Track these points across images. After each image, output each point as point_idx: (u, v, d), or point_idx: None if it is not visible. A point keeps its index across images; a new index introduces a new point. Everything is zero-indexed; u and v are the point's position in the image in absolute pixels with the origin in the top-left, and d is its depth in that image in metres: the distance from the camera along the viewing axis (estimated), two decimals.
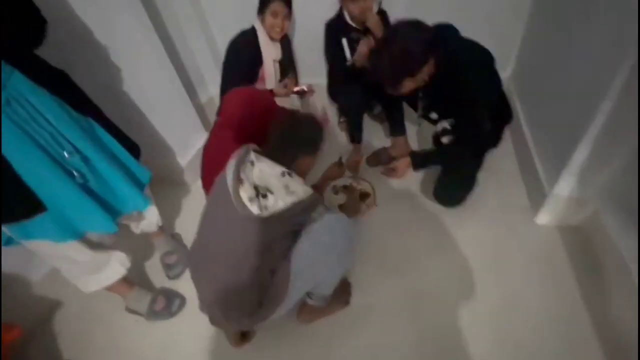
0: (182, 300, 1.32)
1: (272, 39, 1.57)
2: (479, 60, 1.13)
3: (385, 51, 1.01)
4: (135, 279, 1.41)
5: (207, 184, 1.24)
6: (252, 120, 1.11)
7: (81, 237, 0.98)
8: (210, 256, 0.90)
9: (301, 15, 1.94)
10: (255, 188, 0.85)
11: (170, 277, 1.41)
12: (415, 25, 1.03)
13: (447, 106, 1.27)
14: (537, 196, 1.41)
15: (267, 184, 0.86)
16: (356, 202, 1.60)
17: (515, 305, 1.19)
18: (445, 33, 1.13)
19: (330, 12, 1.69)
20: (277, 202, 0.84)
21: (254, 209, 0.83)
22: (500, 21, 1.81)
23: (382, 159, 1.75)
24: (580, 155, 1.17)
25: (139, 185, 1.06)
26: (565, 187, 1.27)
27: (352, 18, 1.59)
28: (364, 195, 1.64)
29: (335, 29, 1.64)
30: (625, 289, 1.08)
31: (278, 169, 0.89)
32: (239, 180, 0.87)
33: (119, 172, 0.98)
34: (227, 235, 0.87)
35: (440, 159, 1.33)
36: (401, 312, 1.22)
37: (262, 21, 1.52)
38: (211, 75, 2.30)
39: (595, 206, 1.26)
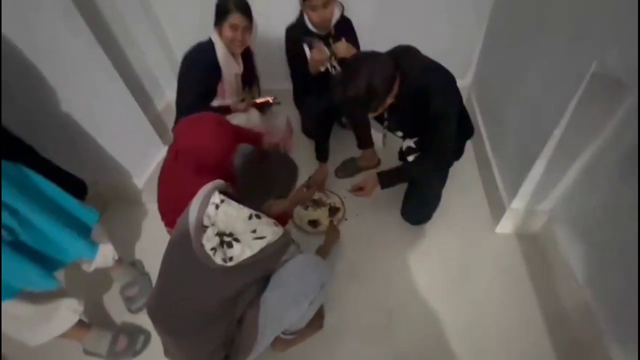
0: (147, 336, 1.24)
1: (232, 52, 1.44)
2: (440, 82, 1.13)
3: (349, 88, 0.98)
4: (92, 316, 1.30)
5: (167, 218, 1.15)
6: (209, 150, 1.03)
7: (16, 295, 0.87)
8: (172, 310, 0.84)
9: (264, 17, 1.83)
10: (220, 235, 0.80)
11: (132, 311, 1.32)
12: (377, 60, 1.01)
13: (411, 126, 1.28)
14: (497, 207, 1.48)
15: (232, 230, 0.81)
16: (327, 217, 1.59)
17: (481, 313, 1.26)
18: (406, 55, 1.12)
19: (293, 13, 1.60)
20: (244, 250, 0.79)
21: (218, 259, 0.78)
22: (461, 30, 1.84)
23: (350, 171, 1.74)
24: (536, 171, 1.23)
25: (84, 230, 0.96)
26: (522, 200, 1.34)
27: (313, 24, 1.52)
28: (334, 210, 1.63)
29: (296, 34, 1.57)
30: (573, 294, 1.17)
31: (245, 211, 0.84)
32: (202, 227, 0.81)
33: (57, 220, 0.87)
34: (189, 286, 0.81)
35: (406, 177, 1.34)
36: (374, 330, 1.24)
37: (220, 34, 1.38)
38: (166, 78, 2.14)
39: (548, 217, 1.35)
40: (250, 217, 0.83)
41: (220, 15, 1.36)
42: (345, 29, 1.58)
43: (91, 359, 1.20)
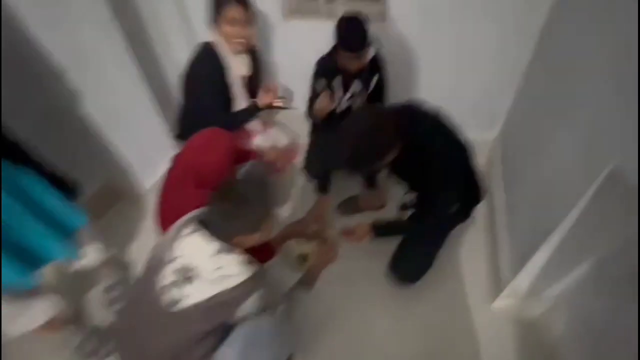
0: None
1: (235, 51, 1.28)
2: (441, 144, 1.08)
3: (346, 147, 0.97)
4: (72, 312, 1.34)
5: (163, 226, 1.17)
6: (215, 169, 1.05)
7: None
8: (127, 339, 0.84)
9: (297, 44, 1.83)
10: (176, 272, 0.78)
11: (110, 313, 1.35)
12: (377, 123, 0.97)
13: (412, 181, 1.23)
14: (497, 282, 1.37)
15: (196, 265, 0.79)
16: (317, 254, 1.53)
17: None
18: (411, 113, 1.09)
19: (326, 44, 1.53)
20: (192, 295, 0.76)
21: (166, 299, 0.76)
22: (492, 83, 1.74)
23: (350, 209, 1.69)
24: (543, 254, 1.12)
25: (67, 231, 1.00)
26: (525, 279, 1.22)
27: None
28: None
29: (328, 68, 1.53)
30: None
31: (213, 245, 0.79)
32: (161, 262, 0.80)
33: (40, 220, 0.91)
34: (146, 320, 0.80)
35: (400, 232, 1.28)
36: None
37: (219, 31, 1.23)
38: None
39: (550, 305, 1.22)
40: (217, 252, 0.79)
41: (216, 9, 1.22)
42: (377, 65, 1.52)
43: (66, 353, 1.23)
